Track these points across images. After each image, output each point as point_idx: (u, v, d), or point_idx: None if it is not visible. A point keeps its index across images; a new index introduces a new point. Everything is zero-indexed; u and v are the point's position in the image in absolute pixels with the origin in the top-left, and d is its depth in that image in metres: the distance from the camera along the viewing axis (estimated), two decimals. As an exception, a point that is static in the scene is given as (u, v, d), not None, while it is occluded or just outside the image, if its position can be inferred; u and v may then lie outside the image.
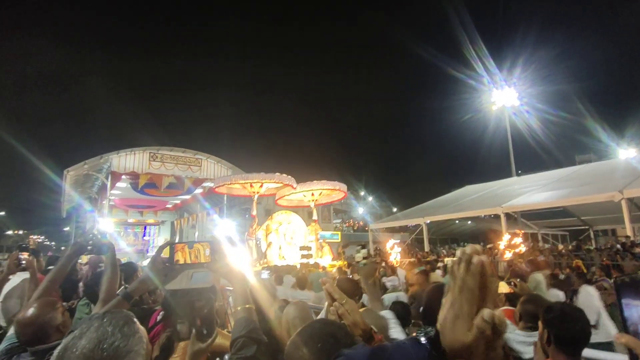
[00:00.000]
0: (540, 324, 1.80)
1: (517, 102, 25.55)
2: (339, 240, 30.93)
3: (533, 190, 15.44)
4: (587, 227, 20.95)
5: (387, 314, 2.11)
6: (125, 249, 25.97)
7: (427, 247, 17.97)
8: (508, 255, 9.49)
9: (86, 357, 0.81)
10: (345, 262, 12.17)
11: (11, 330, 1.84)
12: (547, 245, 17.32)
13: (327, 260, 13.83)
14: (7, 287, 2.85)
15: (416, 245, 23.22)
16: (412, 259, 10.72)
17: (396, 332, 2.03)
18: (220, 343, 1.59)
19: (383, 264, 9.01)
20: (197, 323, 1.35)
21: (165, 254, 1.58)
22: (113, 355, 0.84)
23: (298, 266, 9.76)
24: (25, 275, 2.75)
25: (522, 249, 9.76)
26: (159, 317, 2.25)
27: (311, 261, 11.22)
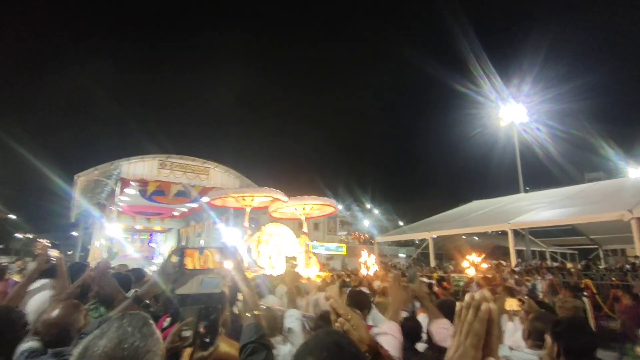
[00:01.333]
0: (548, 338, 1.81)
1: (526, 119, 25.44)
2: (344, 252, 30.81)
3: (541, 208, 15.29)
4: (596, 246, 20.63)
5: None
6: (132, 254, 26.06)
7: (432, 262, 17.80)
8: (471, 272, 10.53)
9: (108, 355, 0.83)
10: (329, 274, 12.67)
11: (31, 333, 1.86)
12: (555, 264, 17.05)
13: (314, 271, 14.07)
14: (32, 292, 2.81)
15: (422, 260, 22.99)
16: (385, 271, 11.04)
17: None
18: (226, 351, 1.59)
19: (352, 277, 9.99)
20: (201, 331, 1.37)
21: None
22: (134, 355, 0.86)
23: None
24: (44, 281, 2.75)
25: (484, 266, 10.47)
26: (165, 324, 2.25)
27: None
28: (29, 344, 1.83)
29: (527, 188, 23.34)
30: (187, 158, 21.49)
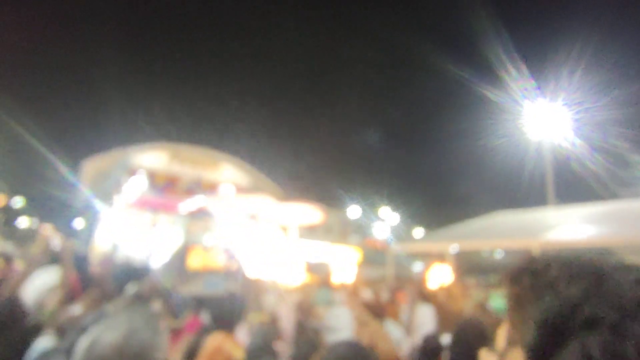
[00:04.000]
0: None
1: (561, 128, 24.85)
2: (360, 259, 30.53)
3: (572, 224, 14.91)
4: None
5: None
6: (136, 249, 26.43)
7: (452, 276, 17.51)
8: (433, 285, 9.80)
9: (116, 349, 0.86)
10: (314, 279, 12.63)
11: (47, 332, 1.84)
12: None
13: (298, 277, 14.29)
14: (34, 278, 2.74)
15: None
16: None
17: None
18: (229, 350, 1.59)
19: None
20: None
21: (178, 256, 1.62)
22: (140, 349, 0.88)
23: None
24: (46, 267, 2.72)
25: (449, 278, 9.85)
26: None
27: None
28: (44, 341, 1.80)
29: (557, 201, 22.77)
30: (198, 151, 21.61)
